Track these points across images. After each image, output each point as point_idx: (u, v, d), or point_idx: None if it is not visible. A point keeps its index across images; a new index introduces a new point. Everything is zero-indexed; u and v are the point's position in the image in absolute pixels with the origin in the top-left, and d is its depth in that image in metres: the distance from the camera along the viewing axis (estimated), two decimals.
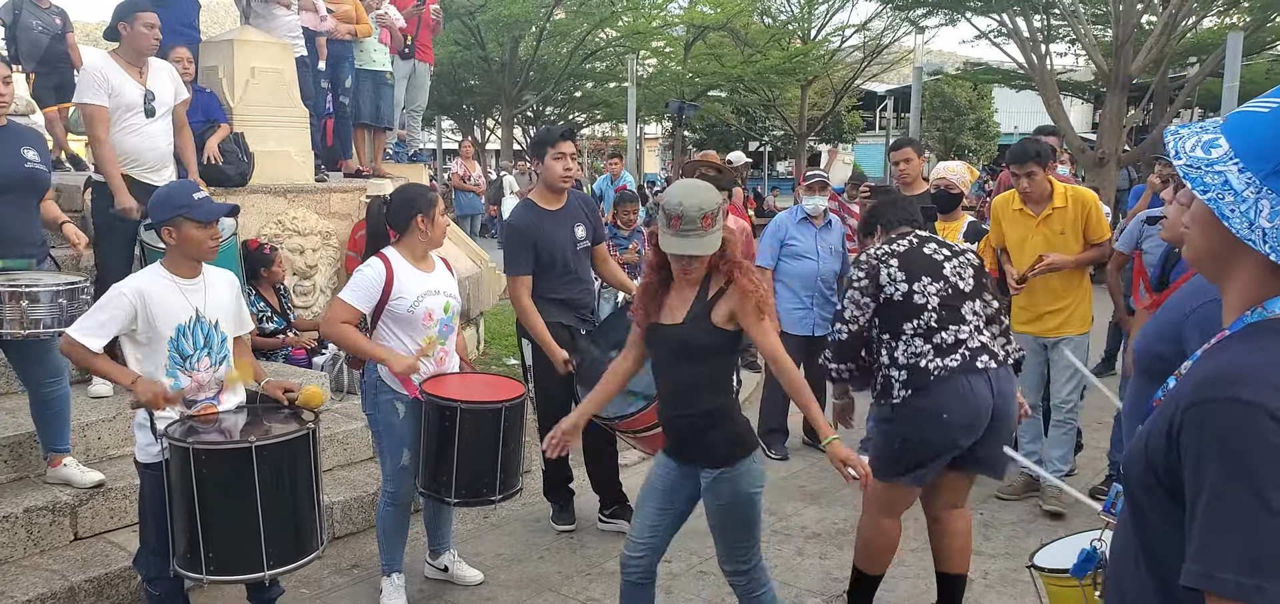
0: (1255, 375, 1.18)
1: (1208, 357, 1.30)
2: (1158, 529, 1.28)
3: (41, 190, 4.25)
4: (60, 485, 4.16)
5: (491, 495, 3.79)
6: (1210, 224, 1.27)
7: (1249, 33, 15.18)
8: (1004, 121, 34.47)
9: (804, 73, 25.49)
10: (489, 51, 23.68)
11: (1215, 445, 1.18)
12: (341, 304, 3.71)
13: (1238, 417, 1.17)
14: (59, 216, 4.39)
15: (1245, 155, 1.24)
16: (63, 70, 7.76)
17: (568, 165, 4.52)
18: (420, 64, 9.37)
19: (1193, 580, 1.17)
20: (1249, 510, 1.13)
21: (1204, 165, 1.26)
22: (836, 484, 5.52)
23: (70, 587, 3.76)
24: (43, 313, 3.80)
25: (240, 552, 3.08)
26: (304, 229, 6.61)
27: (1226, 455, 1.16)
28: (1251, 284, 1.28)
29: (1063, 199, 4.82)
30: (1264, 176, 1.23)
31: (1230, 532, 1.14)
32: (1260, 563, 1.12)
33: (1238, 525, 1.14)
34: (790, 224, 5.93)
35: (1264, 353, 1.21)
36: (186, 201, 3.17)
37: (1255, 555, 1.12)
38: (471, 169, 16.36)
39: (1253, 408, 1.16)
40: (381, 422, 3.84)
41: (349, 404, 5.68)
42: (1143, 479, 1.29)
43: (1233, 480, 1.15)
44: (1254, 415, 1.15)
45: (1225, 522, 1.15)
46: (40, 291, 3.80)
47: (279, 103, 6.99)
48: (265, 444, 3.06)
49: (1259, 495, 1.13)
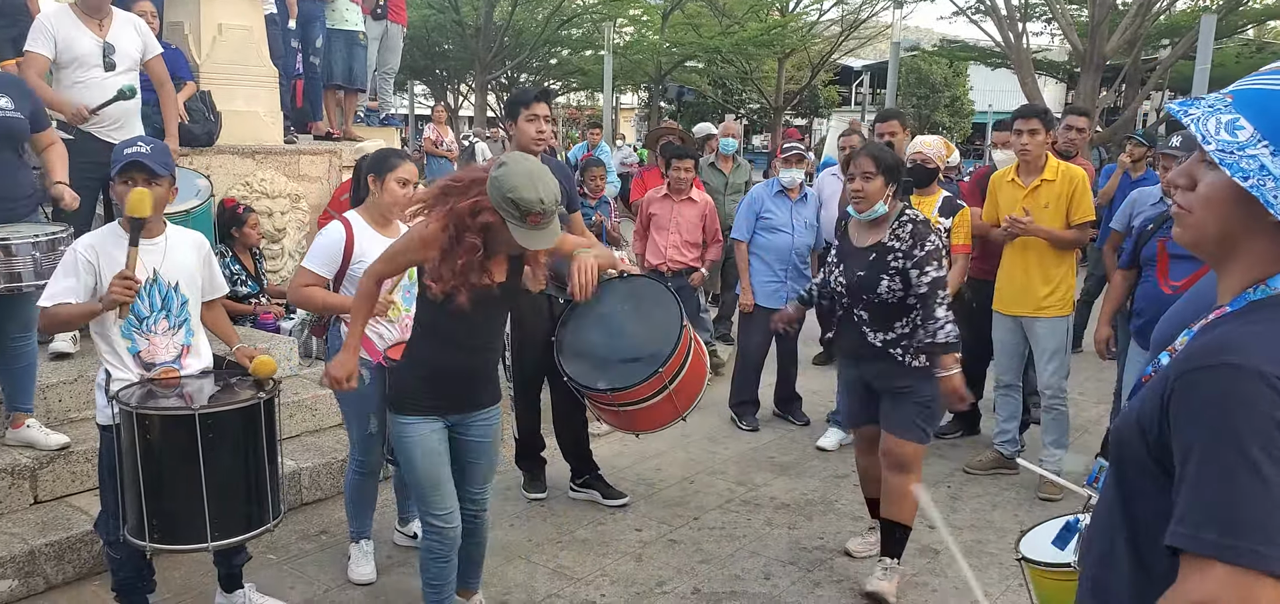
0: (1250, 344, 1.17)
1: (1204, 331, 1.28)
2: (1144, 505, 1.27)
3: (17, 139, 4.09)
4: (20, 447, 4.08)
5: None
6: (1230, 205, 1.25)
7: (1221, 16, 15.30)
8: (979, 100, 34.62)
9: (781, 45, 25.46)
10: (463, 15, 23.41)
11: (1204, 409, 1.16)
12: (303, 270, 3.68)
13: (1228, 379, 1.15)
14: (53, 172, 4.21)
15: (1273, 136, 1.22)
16: (21, 22, 7.47)
17: (541, 128, 4.42)
18: (393, 25, 9.22)
19: (1175, 540, 1.16)
20: (1235, 472, 1.12)
21: (1236, 149, 1.24)
22: (806, 457, 5.55)
23: (30, 550, 3.70)
24: (20, 265, 3.66)
25: (185, 521, 3.00)
26: (272, 191, 6.49)
27: (1215, 418, 1.15)
28: (1256, 263, 1.27)
29: (1053, 173, 4.82)
30: None
31: (1215, 493, 1.13)
32: (1243, 524, 1.10)
33: (1223, 487, 1.12)
34: (766, 197, 5.91)
35: (1263, 324, 1.20)
36: (118, 156, 3.07)
37: (1239, 517, 1.11)
38: (444, 134, 16.20)
39: (1244, 371, 1.14)
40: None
41: (317, 370, 5.62)
42: (1134, 453, 1.27)
43: (1221, 442, 1.14)
44: (1245, 377, 1.14)
45: (1211, 483, 1.14)
46: (16, 243, 3.66)
47: (247, 61, 6.84)
48: (211, 412, 2.98)
49: (1246, 457, 1.11)
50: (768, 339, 6.06)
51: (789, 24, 25.49)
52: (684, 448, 5.56)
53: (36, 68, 4.58)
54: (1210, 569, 1.12)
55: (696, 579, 4.00)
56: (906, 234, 3.72)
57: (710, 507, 4.77)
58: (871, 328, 3.78)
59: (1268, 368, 1.13)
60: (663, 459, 5.38)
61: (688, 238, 6.28)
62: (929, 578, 4.06)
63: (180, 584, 3.80)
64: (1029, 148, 4.83)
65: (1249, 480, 1.11)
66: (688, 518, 4.62)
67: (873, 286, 3.73)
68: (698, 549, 4.28)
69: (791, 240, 5.82)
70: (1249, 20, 18.99)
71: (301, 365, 5.62)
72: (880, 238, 3.77)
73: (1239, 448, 1.12)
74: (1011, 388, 5.22)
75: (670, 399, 4.13)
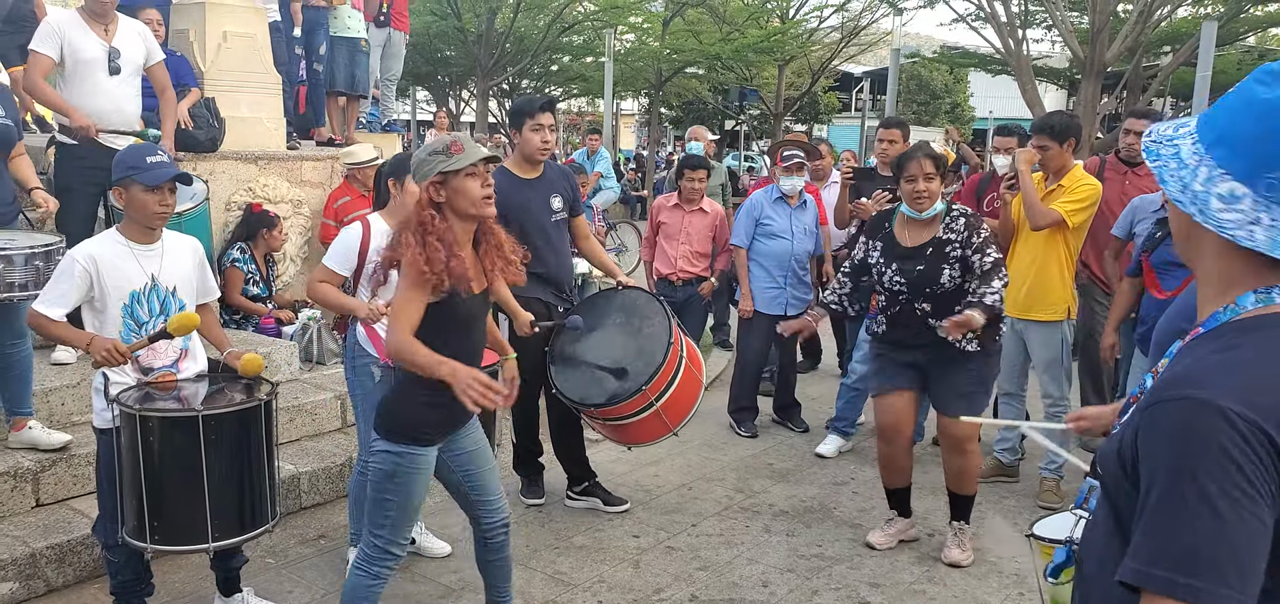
0: (1213, 375, 1.16)
1: (1180, 355, 1.28)
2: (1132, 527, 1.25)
3: (7, 146, 4.14)
4: (23, 450, 4.11)
5: None
6: (1188, 227, 1.27)
7: (1223, 23, 15.32)
8: (979, 106, 34.64)
9: (782, 52, 25.46)
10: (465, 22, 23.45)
11: (1164, 444, 1.16)
12: (322, 267, 3.77)
13: (1189, 415, 1.14)
14: (29, 179, 4.26)
15: (1200, 127, 1.26)
16: (29, 29, 7.52)
17: (545, 137, 4.45)
18: (395, 32, 9.25)
19: (1128, 575, 1.15)
20: (1189, 509, 1.11)
21: (1164, 139, 1.28)
22: (805, 464, 5.56)
23: (31, 553, 3.72)
24: (18, 275, 3.71)
25: (186, 522, 3.03)
26: (274, 197, 6.52)
27: (1173, 453, 1.14)
28: (1218, 270, 1.27)
29: (1073, 182, 4.85)
30: (1208, 145, 1.23)
31: (1170, 529, 1.12)
32: (1196, 562, 1.09)
33: (1176, 523, 1.11)
34: (765, 203, 5.93)
35: (1230, 352, 1.19)
36: (138, 163, 3.11)
37: (1192, 554, 1.10)
38: None
39: (1206, 407, 1.13)
40: (359, 386, 3.82)
41: (318, 375, 5.65)
42: (1116, 479, 1.27)
43: (1178, 478, 1.12)
44: (1205, 414, 1.13)
45: (1166, 519, 1.13)
46: (14, 253, 3.69)
47: (251, 68, 6.87)
48: (213, 413, 3.02)
49: (1201, 493, 1.10)
50: (767, 345, 6.08)
51: (789, 31, 25.50)
52: (682, 454, 5.57)
53: (41, 68, 4.62)
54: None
55: (694, 586, 4.01)
56: (960, 226, 4.01)
57: (708, 513, 4.78)
58: (935, 318, 4.00)
59: (1226, 402, 1.12)
60: (660, 466, 5.39)
61: (697, 248, 6.29)
62: (927, 586, 4.07)
63: (178, 588, 3.82)
64: (1043, 163, 4.90)
65: (1202, 518, 1.10)
66: (686, 524, 4.63)
67: (935, 278, 3.98)
68: (695, 556, 4.29)
69: (791, 247, 5.84)
70: (1250, 27, 18.99)
71: (302, 370, 5.65)
72: (934, 233, 4.03)
73: (1194, 484, 1.11)
74: (1013, 396, 5.23)
75: (657, 416, 4.14)
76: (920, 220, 4.03)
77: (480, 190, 2.80)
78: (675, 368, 4.20)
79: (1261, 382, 1.14)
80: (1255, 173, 1.20)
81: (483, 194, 2.80)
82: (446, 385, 2.72)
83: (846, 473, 5.40)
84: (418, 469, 2.92)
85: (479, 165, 2.79)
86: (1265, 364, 1.17)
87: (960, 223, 4.01)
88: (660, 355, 4.15)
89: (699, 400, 4.37)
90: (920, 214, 4.01)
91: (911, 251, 4.04)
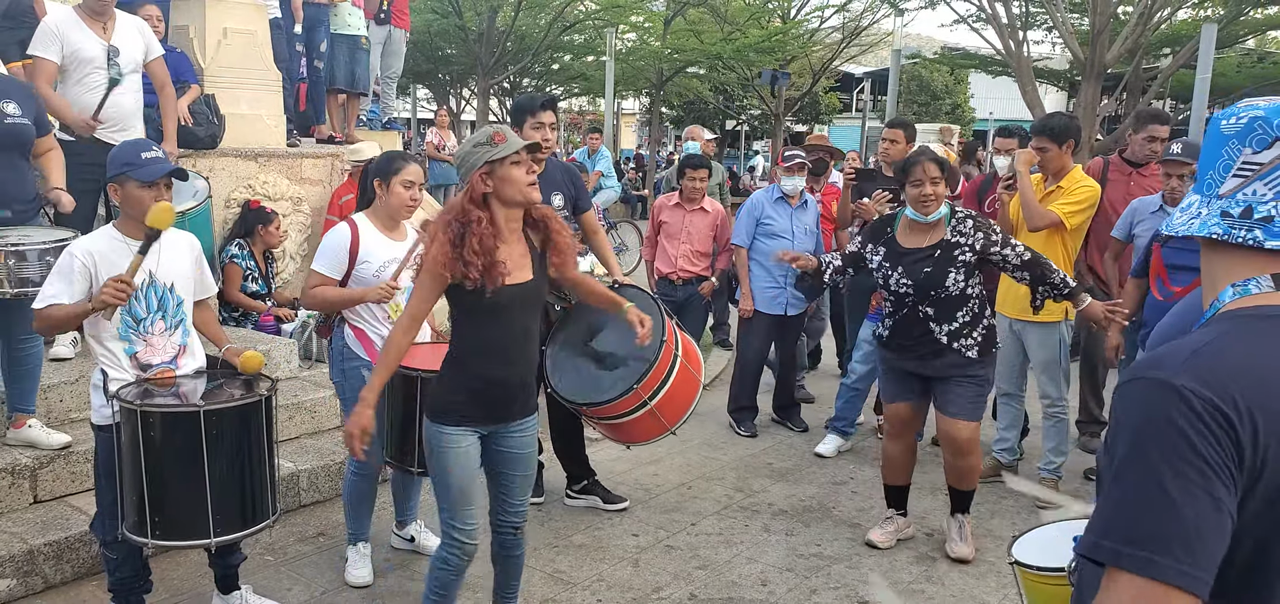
0: (1176, 358, 1.20)
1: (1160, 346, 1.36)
2: None
3: (24, 145, 4.11)
4: (21, 447, 4.10)
5: None
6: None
7: (1222, 25, 15.32)
8: (979, 108, 34.64)
9: (783, 52, 25.45)
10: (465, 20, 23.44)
11: (1125, 421, 1.20)
12: (312, 272, 3.74)
13: (1146, 393, 1.19)
14: (51, 177, 4.22)
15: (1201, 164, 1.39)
16: (28, 23, 7.51)
17: (546, 135, 4.44)
18: (396, 30, 9.25)
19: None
20: (1141, 483, 1.15)
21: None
22: (804, 463, 5.55)
23: (30, 549, 3.71)
24: (32, 271, 3.69)
25: (187, 518, 3.03)
26: (274, 194, 6.52)
27: (1133, 430, 1.18)
28: (1206, 271, 1.35)
29: (1072, 183, 4.85)
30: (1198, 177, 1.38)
31: (1121, 503, 1.16)
32: (1144, 535, 1.13)
33: (1129, 498, 1.16)
34: (766, 203, 5.93)
35: (1199, 338, 1.23)
36: (133, 159, 3.10)
37: (1139, 526, 1.14)
38: (447, 138, 16.23)
39: (1162, 386, 1.17)
40: (348, 389, 3.80)
41: (317, 372, 5.64)
42: (1103, 470, 1.29)
43: (1133, 454, 1.17)
44: (1161, 392, 1.17)
45: (1120, 493, 1.17)
46: (27, 249, 3.69)
47: (251, 65, 6.86)
48: (214, 409, 3.02)
49: (1153, 470, 1.14)
50: (766, 345, 6.08)
51: (790, 31, 25.50)
52: (681, 453, 5.57)
53: (46, 74, 4.60)
54: (1116, 578, 1.15)
55: (693, 585, 4.00)
56: (969, 229, 4.01)
57: (707, 512, 4.78)
58: (938, 322, 4.02)
59: (1182, 381, 1.16)
60: (660, 465, 5.39)
61: (698, 247, 6.28)
62: (925, 585, 4.07)
63: (177, 585, 3.82)
64: (1042, 165, 4.90)
65: (1151, 492, 1.14)
66: (685, 524, 4.63)
67: (941, 282, 3.97)
68: (695, 555, 4.29)
69: (792, 247, 5.82)
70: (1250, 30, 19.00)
71: (301, 368, 5.64)
72: (941, 236, 4.02)
73: (1146, 460, 1.15)
74: (1011, 396, 5.23)
75: (653, 414, 4.12)
76: (925, 223, 4.04)
77: (526, 177, 2.89)
78: (669, 366, 4.18)
79: (1221, 362, 1.17)
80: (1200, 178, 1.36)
81: (528, 180, 2.90)
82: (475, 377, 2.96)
83: (846, 472, 5.40)
84: (447, 447, 2.99)
85: (522, 153, 2.88)
86: (1229, 347, 1.20)
87: (969, 225, 4.02)
88: (653, 354, 4.14)
89: (696, 400, 4.35)
90: (925, 217, 4.01)
91: (918, 254, 4.04)
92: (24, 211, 4.06)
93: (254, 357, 3.25)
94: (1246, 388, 1.15)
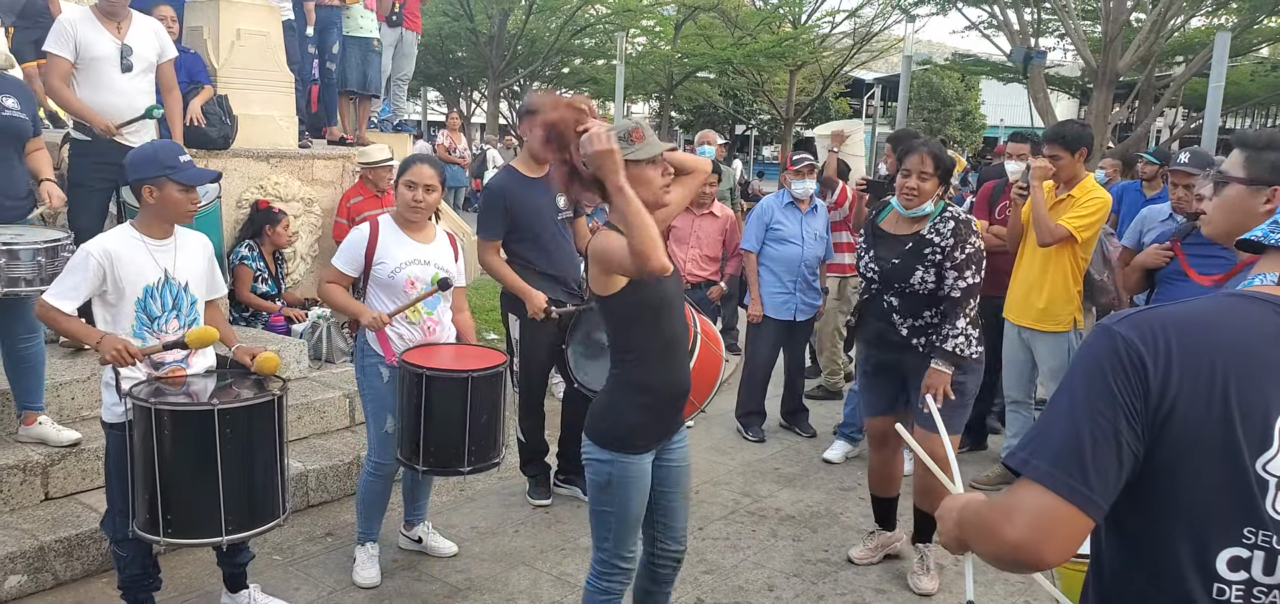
0: (1140, 312, 1.32)
1: None
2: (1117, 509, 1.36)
3: (20, 139, 4.15)
4: (32, 444, 4.13)
5: (462, 467, 3.76)
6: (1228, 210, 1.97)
7: (1236, 34, 15.26)
8: (990, 114, 34.58)
9: (793, 57, 25.46)
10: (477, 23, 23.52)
11: (1076, 358, 1.36)
12: (330, 268, 3.83)
13: (1093, 338, 1.34)
14: (41, 172, 4.27)
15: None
16: (43, 24, 7.59)
17: None
18: (408, 33, 9.29)
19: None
20: (1061, 411, 1.31)
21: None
22: (812, 469, 5.54)
23: (40, 546, 3.74)
24: (23, 270, 3.73)
25: (199, 515, 3.04)
26: (286, 195, 6.55)
27: (1074, 366, 1.35)
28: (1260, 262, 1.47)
29: (1083, 192, 4.82)
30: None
31: (1042, 422, 1.33)
32: (1048, 448, 1.29)
33: (1047, 421, 1.32)
34: (776, 208, 5.93)
35: (1187, 302, 1.35)
36: (173, 162, 3.14)
37: (1046, 441, 1.30)
38: (458, 141, 16.29)
39: (1106, 332, 1.31)
40: (367, 385, 3.84)
41: (327, 373, 5.66)
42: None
43: (1066, 385, 1.33)
44: (1102, 337, 1.31)
45: (1045, 417, 1.33)
46: (20, 248, 3.72)
47: (264, 66, 6.90)
48: (227, 408, 3.03)
49: (1072, 396, 1.30)
50: (775, 350, 6.07)
51: (801, 36, 25.52)
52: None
53: (61, 72, 4.63)
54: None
55: (700, 590, 4.00)
56: (948, 231, 3.76)
57: (715, 517, 4.78)
58: (900, 315, 3.85)
59: (1121, 329, 1.30)
60: None
61: (707, 252, 6.28)
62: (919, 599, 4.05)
63: (186, 583, 3.83)
64: (1054, 173, 4.86)
65: (1062, 414, 1.30)
66: (692, 528, 4.62)
67: (906, 277, 3.79)
68: (702, 559, 4.29)
69: (801, 251, 5.83)
70: (1263, 39, 18.93)
71: (311, 368, 5.66)
72: (918, 229, 3.83)
73: (1073, 390, 1.31)
74: (1020, 404, 5.21)
75: None
76: (906, 216, 3.89)
77: (661, 179, 2.76)
78: (691, 342, 4.18)
79: (1169, 316, 1.30)
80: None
81: (663, 184, 2.77)
82: (656, 390, 2.79)
83: (853, 478, 5.39)
84: (630, 477, 2.80)
85: (660, 156, 2.75)
86: (1193, 308, 1.32)
87: (948, 227, 3.77)
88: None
89: (721, 375, 4.30)
90: (907, 210, 3.85)
91: (891, 240, 3.90)
92: (15, 208, 4.09)
93: (270, 358, 3.27)
94: (1184, 340, 1.27)
